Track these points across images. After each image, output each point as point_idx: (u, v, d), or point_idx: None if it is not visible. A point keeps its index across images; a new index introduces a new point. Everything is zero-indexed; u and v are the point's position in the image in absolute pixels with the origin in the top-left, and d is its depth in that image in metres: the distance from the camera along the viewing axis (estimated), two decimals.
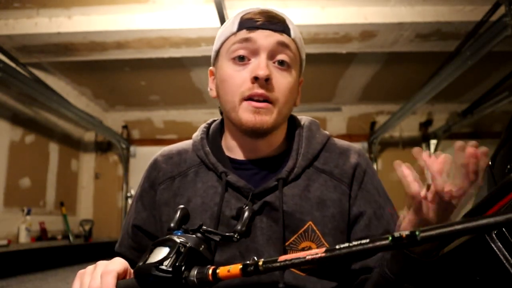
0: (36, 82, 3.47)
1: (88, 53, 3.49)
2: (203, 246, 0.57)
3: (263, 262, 0.49)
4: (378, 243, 0.42)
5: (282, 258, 0.48)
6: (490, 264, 0.65)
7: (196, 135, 0.87)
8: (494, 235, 0.65)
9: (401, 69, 4.11)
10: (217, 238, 0.60)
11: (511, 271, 0.60)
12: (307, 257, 0.46)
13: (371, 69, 4.19)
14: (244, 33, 0.74)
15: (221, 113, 0.87)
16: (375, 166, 5.21)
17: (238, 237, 0.60)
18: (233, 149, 0.82)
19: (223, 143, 0.85)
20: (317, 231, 0.75)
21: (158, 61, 3.71)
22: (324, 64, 3.96)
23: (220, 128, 0.88)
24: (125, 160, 5.32)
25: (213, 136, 0.86)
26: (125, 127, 5.49)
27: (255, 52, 0.74)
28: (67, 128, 4.89)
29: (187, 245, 0.55)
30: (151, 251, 0.56)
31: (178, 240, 0.55)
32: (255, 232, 0.75)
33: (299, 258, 0.47)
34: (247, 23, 0.75)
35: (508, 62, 3.80)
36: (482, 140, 5.42)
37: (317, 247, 0.74)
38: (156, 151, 0.89)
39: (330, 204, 0.76)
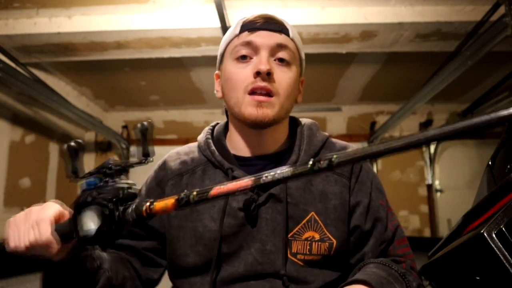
0: (36, 82, 3.47)
1: (88, 53, 3.49)
2: (122, 191, 0.62)
3: (196, 193, 0.54)
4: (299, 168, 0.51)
5: (215, 191, 0.54)
6: (490, 264, 0.65)
7: (201, 136, 0.92)
8: (494, 235, 0.65)
9: (401, 69, 4.11)
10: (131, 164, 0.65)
11: (511, 271, 0.60)
12: (238, 187, 0.53)
13: (371, 69, 4.18)
14: (246, 35, 0.80)
15: (227, 115, 0.91)
16: (375, 166, 5.21)
17: (144, 161, 0.64)
18: (238, 147, 0.86)
19: (227, 143, 0.89)
20: (320, 222, 0.78)
21: (158, 61, 3.71)
22: (324, 64, 3.96)
23: (224, 129, 0.92)
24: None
25: (218, 136, 0.90)
26: (125, 127, 5.49)
27: (256, 51, 0.79)
28: (67, 128, 4.89)
29: (109, 206, 0.59)
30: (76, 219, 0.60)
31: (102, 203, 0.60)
32: (261, 223, 0.78)
33: (230, 189, 0.54)
34: (248, 25, 0.81)
35: (508, 62, 3.80)
36: (482, 140, 5.45)
37: (320, 237, 0.78)
38: (156, 151, 0.91)
39: (332, 197, 0.80)
